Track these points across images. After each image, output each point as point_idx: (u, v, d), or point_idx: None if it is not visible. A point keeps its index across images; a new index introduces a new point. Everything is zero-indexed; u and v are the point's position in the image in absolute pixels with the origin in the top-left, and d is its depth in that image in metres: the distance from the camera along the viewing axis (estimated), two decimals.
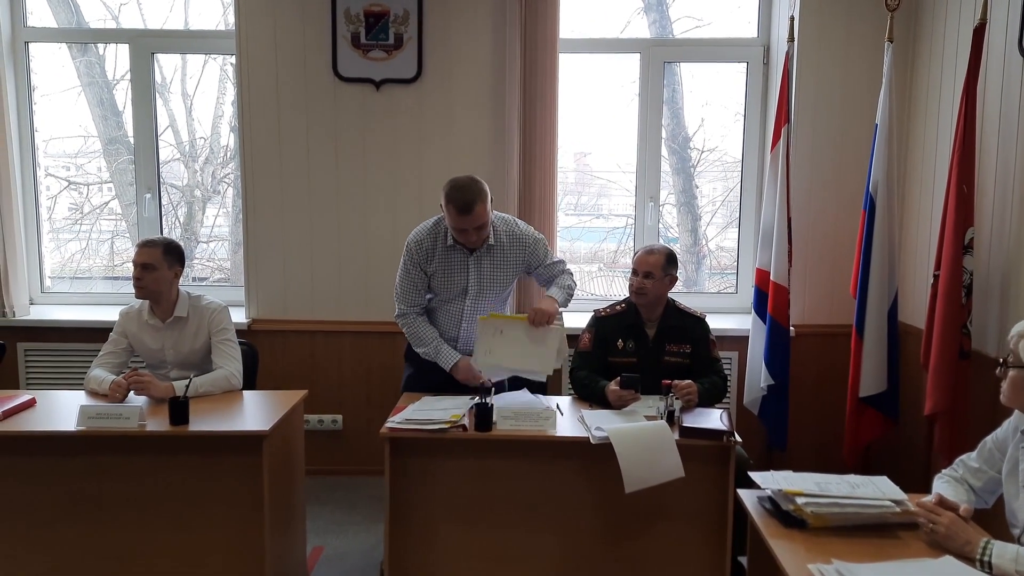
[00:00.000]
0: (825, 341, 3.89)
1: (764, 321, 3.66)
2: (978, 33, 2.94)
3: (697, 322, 3.02)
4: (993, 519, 2.02)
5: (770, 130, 3.83)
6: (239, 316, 3.93)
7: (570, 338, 3.73)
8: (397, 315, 3.05)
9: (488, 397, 2.62)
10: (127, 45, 4.13)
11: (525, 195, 3.85)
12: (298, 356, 4.03)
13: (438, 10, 3.86)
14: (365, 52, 3.88)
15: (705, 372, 2.94)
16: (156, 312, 3.00)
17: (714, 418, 2.64)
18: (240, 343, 3.08)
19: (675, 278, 3.01)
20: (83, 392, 2.92)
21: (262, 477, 2.56)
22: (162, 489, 2.63)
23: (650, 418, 2.64)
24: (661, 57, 4.06)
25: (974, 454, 2.07)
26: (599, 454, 2.47)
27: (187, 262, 3.33)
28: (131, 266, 2.96)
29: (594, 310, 3.12)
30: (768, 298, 3.63)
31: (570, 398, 3.00)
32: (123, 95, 4.28)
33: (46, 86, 4.24)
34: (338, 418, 4.08)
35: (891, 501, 1.96)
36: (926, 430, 3.27)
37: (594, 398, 2.88)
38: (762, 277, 3.71)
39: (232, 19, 3.93)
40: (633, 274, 2.98)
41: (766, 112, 4.03)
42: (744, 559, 2.37)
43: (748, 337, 3.80)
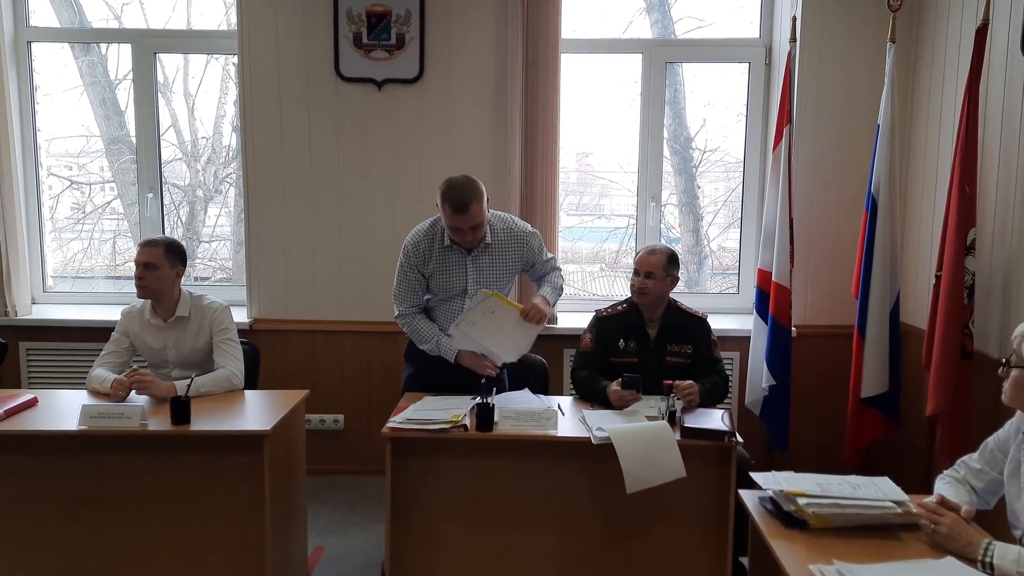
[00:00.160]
0: (826, 342, 3.89)
1: (766, 321, 3.65)
2: (980, 33, 2.93)
3: (699, 322, 3.02)
4: (995, 520, 2.02)
5: (772, 130, 3.82)
6: (241, 316, 3.94)
7: (571, 338, 3.77)
8: (397, 316, 3.06)
9: (489, 397, 2.62)
10: (129, 45, 4.13)
11: (527, 195, 3.86)
12: (299, 356, 4.03)
13: (440, 10, 3.86)
14: (367, 52, 3.88)
15: (706, 372, 2.94)
16: (158, 312, 3.00)
17: (715, 418, 2.64)
18: (241, 343, 3.08)
19: (676, 278, 3.01)
20: (85, 391, 2.92)
21: (263, 477, 2.56)
22: (163, 488, 2.63)
23: (651, 418, 2.64)
24: (663, 57, 4.06)
25: (976, 455, 2.07)
26: (600, 454, 2.47)
27: (189, 262, 3.33)
28: (133, 265, 2.96)
29: (595, 310, 3.11)
30: (770, 298, 3.63)
31: (571, 398, 2.99)
32: (125, 95, 4.29)
33: (48, 86, 4.25)
34: (339, 418, 4.08)
35: (892, 502, 1.95)
36: (927, 431, 3.27)
37: (595, 398, 2.88)
38: (764, 277, 3.70)
39: (234, 19, 3.93)
40: (635, 274, 2.98)
41: (768, 112, 4.03)
42: (745, 560, 2.37)
43: (750, 337, 3.80)
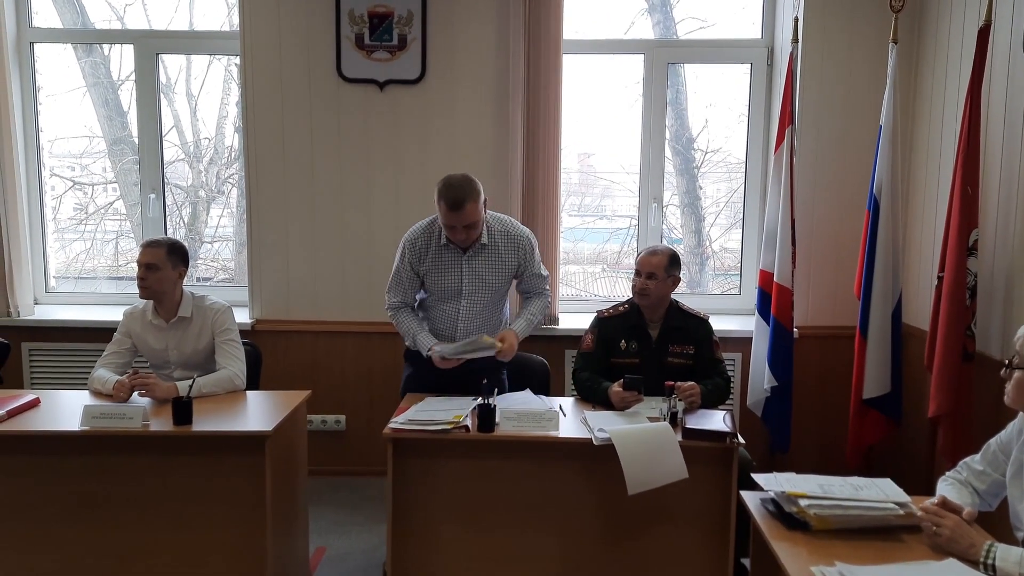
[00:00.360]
0: (828, 343, 3.89)
1: (767, 322, 3.65)
2: (983, 34, 2.93)
3: (700, 323, 3.02)
4: (997, 522, 2.01)
5: (774, 131, 3.82)
6: (243, 316, 3.95)
7: (572, 339, 3.77)
8: (386, 307, 3.07)
9: (491, 398, 2.62)
10: (132, 46, 4.14)
11: (528, 196, 3.86)
12: (301, 356, 4.03)
13: (442, 11, 3.86)
14: (369, 53, 3.88)
15: (708, 373, 2.94)
16: (160, 312, 3.00)
17: (717, 420, 2.64)
18: (243, 343, 3.09)
19: (678, 279, 3.00)
20: (87, 392, 2.93)
21: (265, 477, 2.56)
22: (165, 489, 2.63)
23: (653, 419, 2.64)
24: (665, 58, 4.06)
25: (978, 456, 2.06)
26: (602, 455, 2.47)
27: (191, 262, 3.32)
28: (135, 266, 2.96)
29: (597, 311, 3.11)
30: (772, 299, 3.63)
31: (573, 399, 2.99)
32: (128, 95, 4.29)
33: (51, 86, 4.26)
34: (341, 418, 4.08)
35: (894, 503, 1.95)
36: (929, 432, 3.27)
37: (597, 399, 2.88)
38: (766, 278, 3.70)
39: (236, 20, 3.94)
40: (636, 275, 2.98)
41: (770, 113, 4.02)
42: (747, 561, 2.37)
43: (751, 338, 3.80)
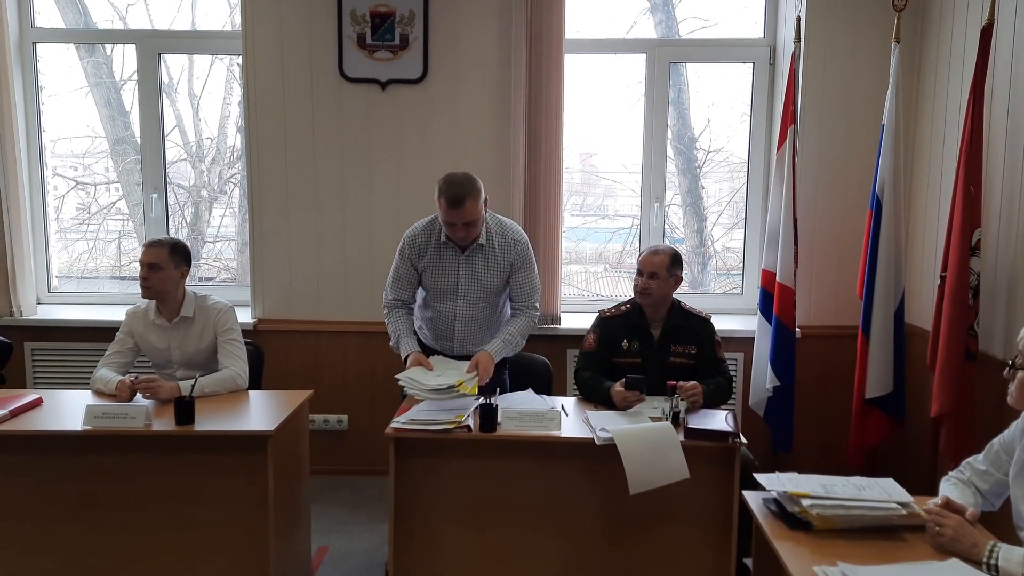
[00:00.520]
0: (831, 342, 3.88)
1: (770, 322, 3.65)
2: (985, 33, 2.92)
3: (702, 323, 3.02)
4: (1000, 522, 2.01)
5: (776, 130, 3.81)
6: (245, 316, 3.95)
7: (574, 339, 3.77)
8: (384, 304, 3.08)
9: (493, 398, 2.62)
10: (134, 45, 4.14)
11: (531, 195, 3.86)
12: (303, 356, 4.04)
13: (444, 11, 3.86)
14: (371, 52, 3.88)
15: (710, 373, 2.94)
16: (162, 312, 3.01)
17: (719, 419, 2.64)
18: (246, 343, 3.09)
19: (680, 279, 3.00)
20: (89, 391, 2.93)
21: (267, 477, 2.57)
22: (167, 488, 2.64)
23: (655, 419, 2.64)
24: (667, 57, 4.06)
25: (981, 456, 2.06)
26: (604, 455, 2.46)
27: (194, 262, 3.34)
28: (138, 266, 2.97)
29: (599, 311, 3.11)
30: (774, 299, 3.63)
31: (575, 399, 2.99)
32: (130, 95, 4.30)
33: (54, 86, 4.27)
34: (343, 418, 4.08)
35: (897, 503, 1.95)
36: (932, 432, 3.26)
37: (599, 399, 2.88)
38: (768, 278, 3.70)
39: (239, 20, 3.94)
40: (638, 274, 2.97)
41: (772, 112, 4.02)
42: (749, 561, 2.37)
43: (754, 338, 3.79)
